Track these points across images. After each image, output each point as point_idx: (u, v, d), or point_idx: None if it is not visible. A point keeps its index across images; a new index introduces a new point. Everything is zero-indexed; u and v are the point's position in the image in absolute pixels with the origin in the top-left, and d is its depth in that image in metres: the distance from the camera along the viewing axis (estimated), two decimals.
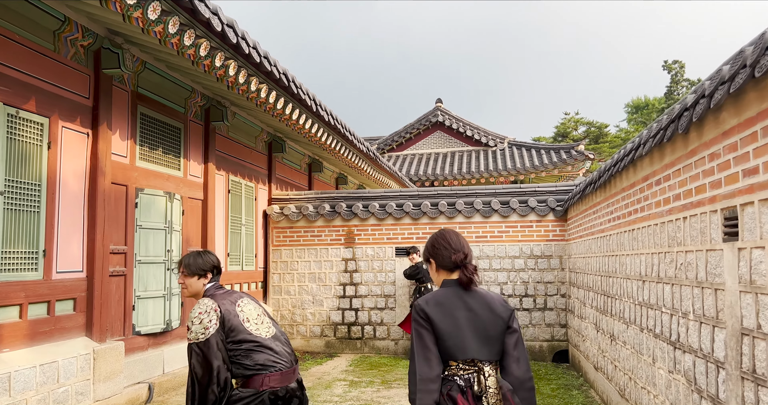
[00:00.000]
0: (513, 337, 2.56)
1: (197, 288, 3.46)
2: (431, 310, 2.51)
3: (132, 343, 6.63)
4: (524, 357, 2.57)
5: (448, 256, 2.64)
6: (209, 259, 3.52)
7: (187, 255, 3.53)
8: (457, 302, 2.54)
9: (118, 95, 6.54)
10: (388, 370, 8.53)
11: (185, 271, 3.44)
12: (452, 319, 2.49)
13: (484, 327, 2.51)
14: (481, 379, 2.45)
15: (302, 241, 10.40)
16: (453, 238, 2.69)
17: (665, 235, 4.39)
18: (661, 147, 4.42)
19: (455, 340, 2.46)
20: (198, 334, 3.21)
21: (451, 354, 2.46)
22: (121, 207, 6.57)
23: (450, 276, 2.65)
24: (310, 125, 8.99)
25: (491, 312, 2.54)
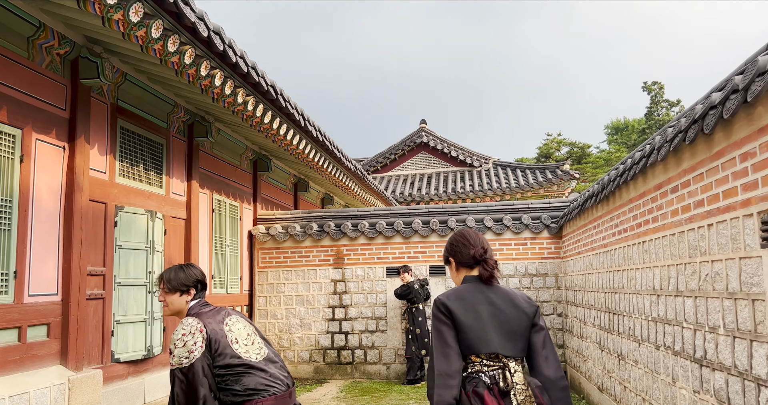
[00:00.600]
0: (540, 335, 2.52)
1: (179, 305, 3.16)
2: (452, 304, 2.47)
3: (111, 372, 6.19)
4: (554, 355, 2.51)
5: (467, 253, 2.61)
6: (192, 273, 3.21)
7: (168, 269, 3.22)
8: (479, 297, 2.51)
9: (97, 108, 6.20)
10: (381, 395, 8.14)
11: (166, 286, 3.15)
12: (474, 313, 2.45)
13: (508, 322, 2.46)
14: (507, 375, 2.39)
15: (289, 263, 10.02)
16: (471, 235, 2.68)
17: (685, 245, 4.13)
18: (677, 152, 4.18)
19: (478, 333, 2.42)
20: (182, 359, 2.90)
21: (474, 348, 2.41)
22: (99, 226, 6.18)
23: (470, 272, 2.63)
24: (298, 141, 8.70)
25: (515, 307, 2.50)
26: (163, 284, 3.16)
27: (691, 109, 3.97)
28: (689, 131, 3.73)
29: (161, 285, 3.17)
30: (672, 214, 4.40)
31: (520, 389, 2.38)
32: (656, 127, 37.31)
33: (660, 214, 4.67)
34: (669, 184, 4.44)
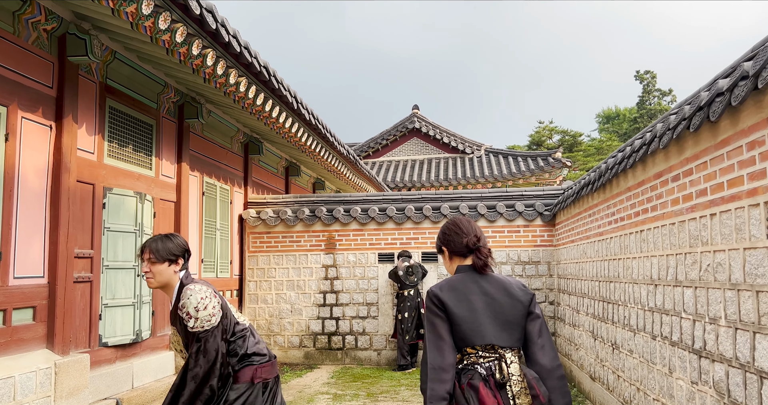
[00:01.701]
0: (536, 324, 2.46)
1: (167, 276, 3.08)
2: (445, 296, 2.41)
3: (98, 356, 6.09)
4: (550, 344, 2.45)
5: (460, 242, 2.56)
6: (180, 242, 3.16)
7: (151, 239, 3.11)
8: (473, 286, 2.45)
9: (85, 86, 6.04)
10: (372, 382, 8.09)
11: (153, 256, 3.03)
12: (467, 304, 2.40)
13: (503, 311, 2.41)
14: (502, 366, 2.34)
15: (280, 247, 9.92)
16: (464, 223, 2.62)
17: (685, 235, 4.07)
18: (680, 140, 4.10)
19: (471, 325, 2.36)
20: (204, 322, 2.94)
21: (468, 339, 2.36)
22: (87, 207, 6.05)
23: (464, 262, 2.57)
24: (290, 124, 8.56)
25: (509, 296, 2.44)
26: (149, 254, 3.04)
27: (695, 96, 3.88)
28: (694, 118, 3.65)
29: (146, 255, 3.05)
30: (672, 203, 4.33)
31: (516, 380, 2.33)
32: (648, 116, 37.35)
33: (660, 203, 4.61)
34: (670, 173, 4.37)
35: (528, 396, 2.32)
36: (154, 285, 3.08)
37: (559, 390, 2.38)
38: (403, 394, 7.26)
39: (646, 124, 36.86)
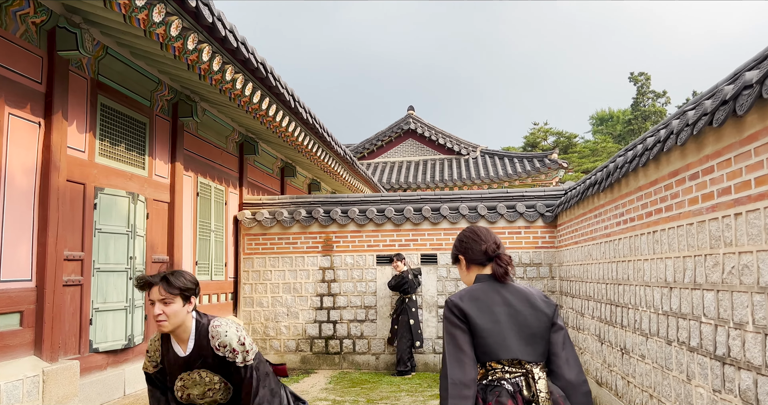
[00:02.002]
0: (560, 335, 2.33)
1: (182, 317, 2.86)
2: (467, 306, 2.27)
3: (89, 362, 5.86)
4: (574, 357, 2.33)
5: (478, 249, 2.44)
6: (191, 277, 2.94)
7: (158, 276, 2.84)
8: (495, 297, 2.32)
9: (76, 82, 5.82)
10: (371, 387, 7.89)
11: (167, 296, 2.78)
12: (491, 315, 2.26)
13: (527, 323, 2.28)
14: (530, 382, 2.22)
15: (276, 249, 9.70)
16: (482, 230, 2.52)
17: (705, 236, 3.89)
18: (699, 136, 3.92)
19: (496, 338, 2.23)
20: (251, 353, 2.95)
21: (493, 353, 2.22)
22: (77, 208, 5.82)
23: (482, 271, 2.45)
24: (287, 123, 8.35)
25: (532, 307, 2.32)
26: (162, 293, 2.78)
27: (715, 91, 3.71)
28: (717, 113, 3.47)
29: (157, 295, 2.78)
30: (690, 202, 4.16)
31: (544, 398, 2.20)
32: (642, 118, 37.34)
33: (675, 202, 4.43)
34: (687, 171, 4.19)
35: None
36: (168, 328, 2.82)
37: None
38: (403, 401, 7.06)
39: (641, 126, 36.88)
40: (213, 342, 2.85)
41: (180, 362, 2.93)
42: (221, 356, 2.87)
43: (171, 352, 2.95)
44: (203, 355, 2.89)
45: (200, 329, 2.90)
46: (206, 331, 2.89)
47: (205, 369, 2.93)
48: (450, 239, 9.37)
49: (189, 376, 2.95)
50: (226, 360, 2.88)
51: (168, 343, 2.97)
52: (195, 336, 2.90)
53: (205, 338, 2.88)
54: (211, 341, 2.86)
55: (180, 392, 3.00)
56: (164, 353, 2.99)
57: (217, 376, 2.97)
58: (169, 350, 2.96)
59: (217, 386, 3.00)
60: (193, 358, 2.91)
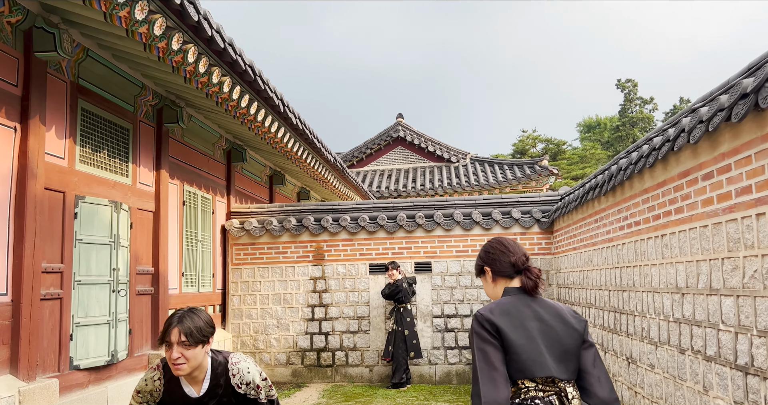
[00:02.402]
0: (590, 353, 2.23)
1: (201, 358, 2.70)
2: (498, 320, 2.14)
3: (69, 380, 5.55)
4: (606, 375, 2.22)
5: (506, 261, 2.34)
6: (208, 319, 2.76)
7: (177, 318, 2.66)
8: (526, 311, 2.20)
9: (55, 85, 5.54)
10: (366, 401, 7.61)
11: (188, 340, 2.60)
12: (524, 331, 2.13)
13: (559, 340, 2.16)
14: (564, 401, 2.12)
15: (265, 259, 9.42)
16: (509, 242, 2.42)
17: (722, 238, 3.69)
18: (713, 133, 3.73)
19: (530, 354, 2.10)
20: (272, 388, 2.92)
21: (527, 371, 2.09)
22: (56, 217, 5.53)
23: (510, 283, 2.33)
24: (276, 129, 8.10)
25: (564, 323, 2.20)
26: (182, 337, 2.60)
27: (732, 85, 3.52)
28: (736, 108, 3.28)
29: (176, 338, 2.61)
30: (703, 203, 3.96)
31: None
32: (630, 125, 37.42)
33: (686, 204, 4.24)
34: (700, 171, 4.00)
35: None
36: (187, 371, 2.66)
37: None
38: None
39: (629, 132, 36.96)
40: (234, 380, 2.76)
41: (190, 403, 2.78)
42: (241, 394, 2.80)
43: (178, 391, 2.78)
44: (218, 394, 2.77)
45: (216, 368, 2.77)
46: (225, 370, 2.77)
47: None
48: (444, 247, 9.15)
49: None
50: (246, 397, 2.81)
51: (175, 382, 2.78)
52: (211, 375, 2.76)
53: (223, 376, 2.77)
54: (232, 379, 2.77)
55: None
56: (168, 392, 2.80)
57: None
58: (176, 389, 2.78)
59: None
60: (207, 398, 2.78)
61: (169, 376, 2.79)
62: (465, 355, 8.94)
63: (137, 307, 6.79)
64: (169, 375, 2.79)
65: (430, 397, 7.85)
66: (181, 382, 2.78)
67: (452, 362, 8.94)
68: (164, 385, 2.80)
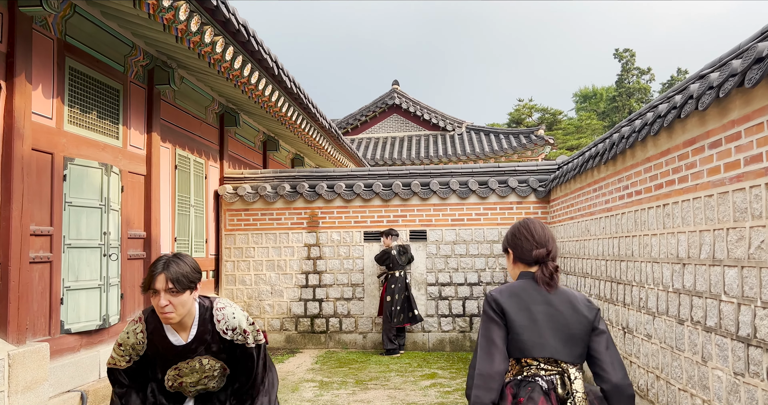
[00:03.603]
0: (603, 339, 2.28)
1: (190, 305, 2.62)
2: (505, 301, 2.27)
3: (60, 344, 5.49)
4: (619, 361, 2.28)
5: (529, 250, 2.38)
6: (194, 264, 2.66)
7: (161, 264, 2.55)
8: (536, 295, 2.29)
9: (41, 43, 5.34)
10: (359, 367, 7.61)
11: (175, 286, 2.51)
12: (528, 313, 2.25)
13: (567, 325, 2.25)
14: (566, 381, 2.22)
15: (259, 225, 9.33)
16: (538, 230, 2.41)
17: (727, 208, 3.61)
18: (723, 100, 3.61)
19: (531, 335, 2.22)
20: (258, 334, 2.81)
21: (527, 350, 2.23)
22: (45, 179, 5.40)
23: (528, 269, 2.41)
24: (270, 92, 7.92)
25: (573, 310, 2.28)
26: (169, 284, 2.50)
27: (744, 50, 3.39)
28: (750, 73, 3.16)
29: (163, 285, 2.51)
30: (709, 172, 3.87)
31: (580, 398, 2.19)
32: (627, 95, 37.18)
33: (691, 173, 4.14)
34: (707, 139, 3.89)
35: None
36: (176, 319, 2.58)
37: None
38: (393, 381, 6.79)
39: (625, 103, 36.75)
40: (219, 326, 2.68)
41: (176, 351, 2.69)
42: (228, 340, 2.71)
43: (164, 341, 2.68)
44: (206, 341, 2.70)
45: (204, 314, 2.70)
46: (211, 316, 2.69)
47: (207, 355, 2.74)
48: (440, 215, 9.07)
49: (188, 364, 2.73)
50: (233, 343, 2.72)
51: (159, 332, 2.68)
52: (198, 321, 2.69)
53: (210, 323, 2.69)
54: (217, 325, 2.68)
55: (171, 381, 2.79)
56: (152, 344, 2.71)
57: (219, 363, 2.79)
58: (161, 340, 2.68)
59: (216, 373, 2.83)
60: (194, 345, 2.70)
61: (153, 327, 2.69)
62: (458, 323, 8.95)
63: (129, 271, 6.71)
64: (153, 326, 2.69)
65: (423, 363, 7.86)
66: (166, 331, 2.69)
67: (446, 330, 8.95)
68: (147, 336, 2.70)
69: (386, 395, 6.16)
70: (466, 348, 8.91)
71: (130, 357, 2.74)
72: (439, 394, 6.17)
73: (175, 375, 2.77)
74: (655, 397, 4.74)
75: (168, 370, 2.76)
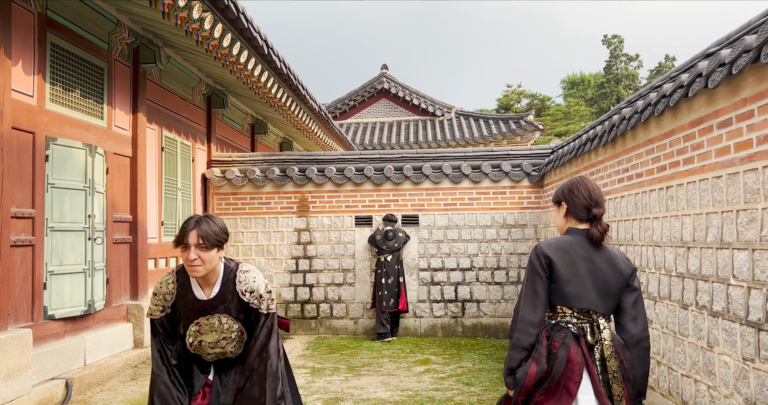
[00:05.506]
0: (632, 296, 2.49)
1: (216, 262, 2.83)
2: (553, 254, 2.46)
3: (43, 330, 5.32)
4: (643, 316, 2.50)
5: (585, 207, 2.53)
6: (222, 224, 2.88)
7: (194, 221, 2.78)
8: (581, 251, 2.47)
9: (20, 16, 5.11)
10: (351, 353, 7.50)
11: (204, 242, 2.74)
12: (573, 267, 2.45)
13: (605, 280, 2.45)
14: (595, 329, 2.43)
15: (248, 209, 9.15)
16: (595, 190, 2.56)
17: (738, 189, 3.50)
18: (734, 78, 3.49)
19: (573, 288, 2.44)
20: (272, 302, 2.95)
21: (567, 301, 2.46)
22: (26, 160, 5.18)
23: (578, 225, 2.56)
24: (260, 72, 7.70)
25: (613, 267, 2.46)
26: (199, 240, 2.73)
27: (759, 24, 3.27)
28: (766, 48, 3.03)
29: (194, 240, 2.73)
30: (717, 153, 3.75)
31: (608, 345, 2.39)
32: (615, 81, 37.15)
33: (697, 154, 4.03)
34: (715, 118, 3.78)
35: (617, 359, 2.39)
36: (202, 273, 2.78)
37: (641, 358, 2.45)
38: (387, 367, 6.69)
39: (613, 89, 36.71)
40: (240, 286, 2.86)
41: (199, 306, 2.88)
42: (245, 302, 2.88)
43: (189, 295, 2.88)
44: (226, 300, 2.87)
45: (228, 274, 2.88)
46: (234, 276, 2.88)
47: (226, 314, 2.91)
48: (432, 200, 8.94)
49: (207, 320, 2.90)
50: (249, 306, 2.89)
51: (186, 288, 2.89)
52: (222, 280, 2.87)
53: (233, 283, 2.87)
54: (238, 286, 2.86)
55: (192, 338, 2.94)
56: (180, 296, 2.90)
57: (237, 324, 2.94)
58: (187, 293, 2.88)
59: (233, 335, 2.96)
60: (216, 302, 2.88)
61: (182, 280, 2.89)
62: (450, 309, 8.86)
63: (115, 256, 6.52)
64: (182, 280, 2.89)
65: (416, 349, 7.76)
66: (192, 286, 2.88)
67: (437, 315, 8.86)
68: (177, 289, 2.89)
69: (380, 381, 6.05)
70: (458, 333, 8.82)
71: (163, 307, 2.92)
72: (433, 380, 6.07)
73: (196, 331, 2.91)
74: (656, 383, 4.67)
75: (190, 326, 2.92)
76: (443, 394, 5.56)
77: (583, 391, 2.35)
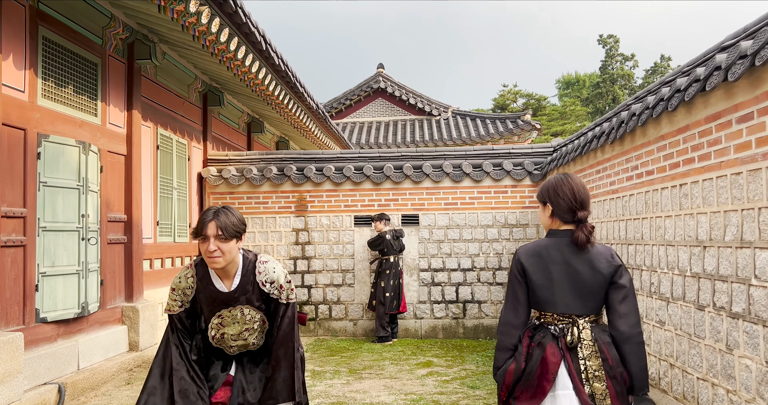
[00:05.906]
0: (619, 293, 2.45)
1: (235, 253, 2.83)
2: (526, 261, 2.50)
3: (35, 334, 5.14)
4: (633, 312, 2.45)
5: (570, 210, 2.49)
6: (241, 216, 2.89)
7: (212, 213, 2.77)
8: (556, 255, 2.47)
9: (11, 9, 4.94)
10: (351, 355, 7.34)
11: (223, 233, 2.74)
12: (546, 273, 2.47)
13: (583, 282, 2.44)
14: (574, 330, 2.44)
15: (245, 209, 8.98)
16: (580, 191, 2.50)
17: (759, 186, 3.36)
18: (758, 70, 3.35)
19: (545, 293, 2.47)
20: (293, 292, 2.98)
21: (542, 306, 2.50)
22: (17, 157, 5.01)
23: (561, 226, 2.53)
24: (257, 69, 7.54)
25: (592, 268, 2.43)
26: (219, 231, 2.74)
27: None
28: None
29: (214, 232, 2.73)
30: (737, 149, 3.62)
31: (587, 344, 2.41)
32: (610, 81, 37.11)
33: (714, 150, 3.89)
34: (735, 113, 3.64)
35: (598, 359, 2.39)
36: (222, 264, 2.78)
37: (636, 354, 2.41)
38: (389, 370, 6.53)
39: (609, 89, 36.67)
40: (260, 277, 2.88)
41: (221, 298, 2.89)
42: (266, 292, 2.89)
43: (210, 287, 2.88)
44: (247, 291, 2.89)
45: (247, 265, 2.89)
46: (253, 267, 2.89)
47: (248, 305, 2.92)
48: (433, 199, 8.79)
49: (230, 312, 2.91)
50: (269, 297, 2.91)
51: (206, 280, 2.89)
52: (242, 271, 2.88)
53: (252, 274, 2.89)
54: (258, 276, 2.88)
55: (215, 331, 2.94)
56: (200, 290, 2.89)
57: (259, 314, 2.95)
58: (208, 286, 2.88)
59: (256, 326, 2.97)
60: (237, 294, 2.88)
61: (201, 273, 2.88)
62: (451, 310, 8.72)
63: (109, 256, 6.35)
64: (201, 273, 2.88)
65: (417, 351, 7.61)
66: (212, 278, 2.87)
67: (438, 316, 8.71)
68: (197, 282, 2.88)
69: (382, 385, 5.90)
70: (460, 335, 8.68)
71: (181, 302, 2.90)
72: (437, 384, 5.93)
73: (218, 323, 2.91)
74: (669, 387, 4.53)
75: (212, 318, 2.91)
76: (448, 397, 5.41)
77: (561, 387, 2.40)
